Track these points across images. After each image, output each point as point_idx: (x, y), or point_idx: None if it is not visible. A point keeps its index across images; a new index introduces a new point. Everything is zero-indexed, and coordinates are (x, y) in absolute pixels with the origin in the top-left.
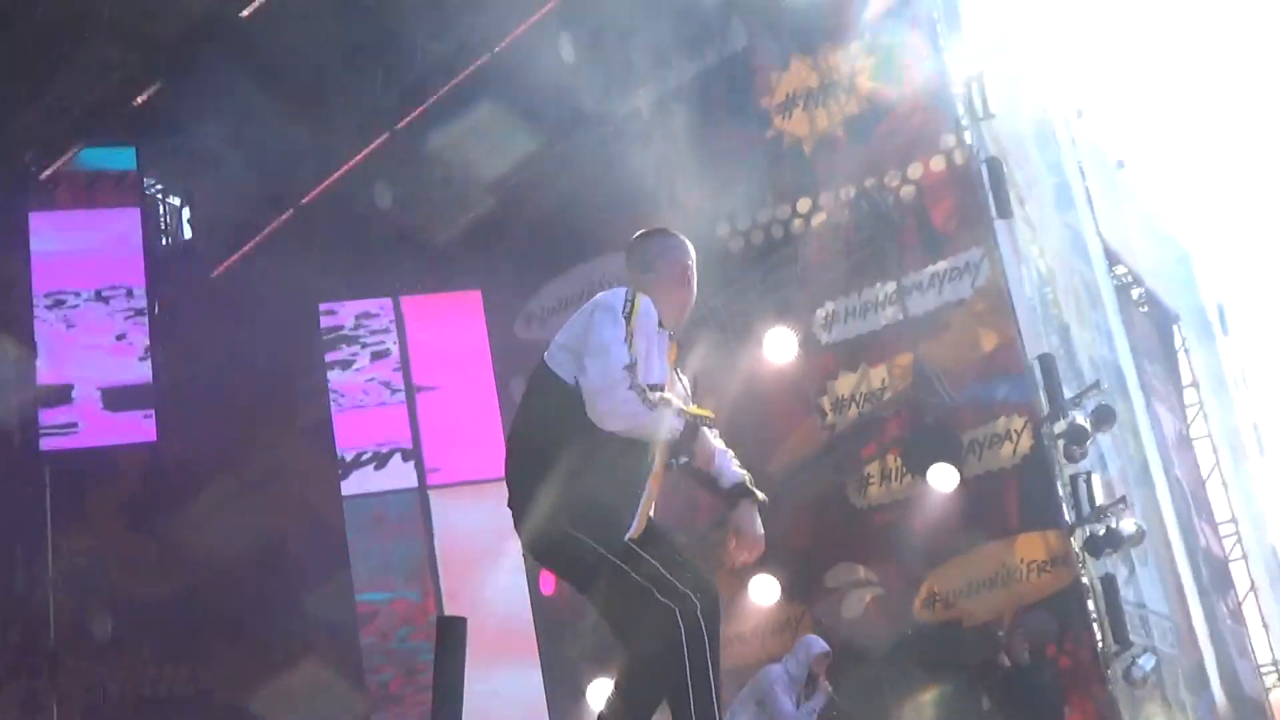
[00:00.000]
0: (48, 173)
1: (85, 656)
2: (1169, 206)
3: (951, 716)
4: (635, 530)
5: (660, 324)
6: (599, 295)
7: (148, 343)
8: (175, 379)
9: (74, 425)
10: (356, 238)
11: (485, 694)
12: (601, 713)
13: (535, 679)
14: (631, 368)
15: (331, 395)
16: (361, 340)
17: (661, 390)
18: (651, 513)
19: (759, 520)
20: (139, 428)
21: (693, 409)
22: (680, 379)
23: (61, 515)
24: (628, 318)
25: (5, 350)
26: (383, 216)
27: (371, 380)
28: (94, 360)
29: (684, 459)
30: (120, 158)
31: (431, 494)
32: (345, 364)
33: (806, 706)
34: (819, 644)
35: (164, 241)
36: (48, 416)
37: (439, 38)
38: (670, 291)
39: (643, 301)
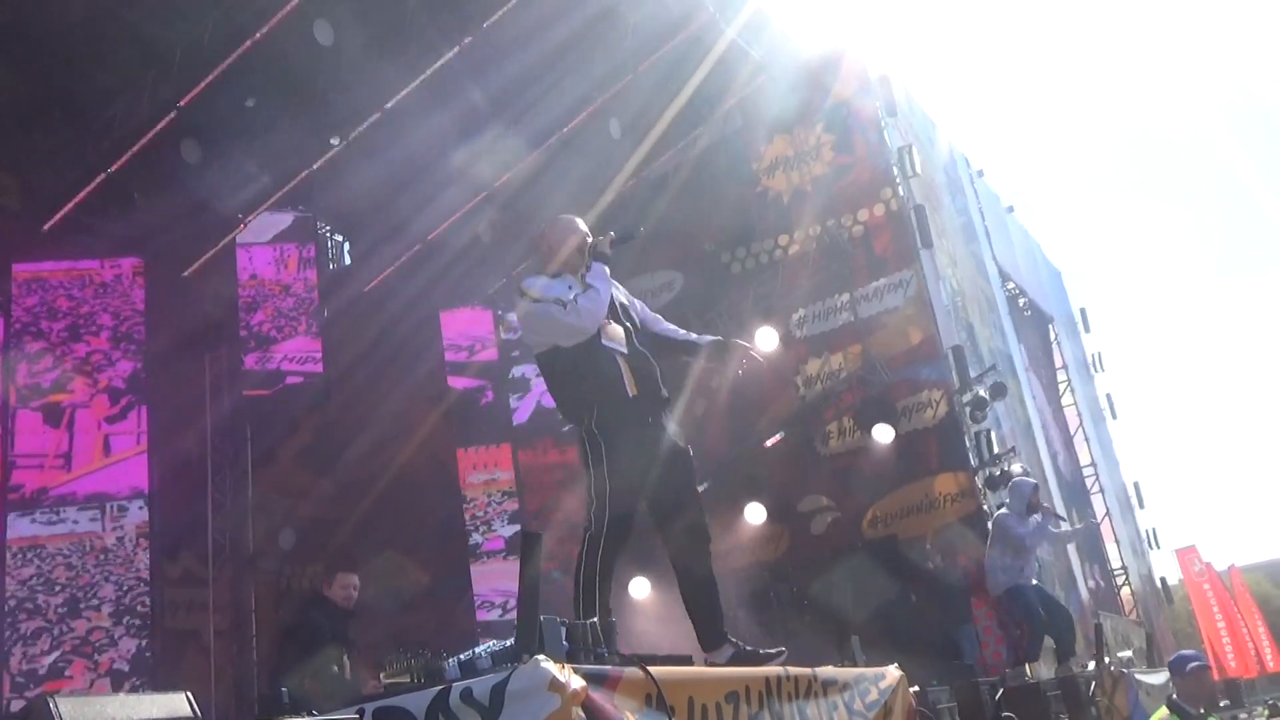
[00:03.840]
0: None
1: (273, 560)
2: (1045, 238)
3: (889, 606)
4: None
5: (567, 275)
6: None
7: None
8: (338, 363)
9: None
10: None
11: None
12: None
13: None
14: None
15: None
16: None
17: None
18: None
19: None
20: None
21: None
22: (616, 287)
23: (257, 459)
24: (536, 299)
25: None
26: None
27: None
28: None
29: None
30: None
31: None
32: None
33: (1035, 522)
34: (1027, 482)
35: (330, 266)
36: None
37: None
38: (559, 258)
39: (532, 285)
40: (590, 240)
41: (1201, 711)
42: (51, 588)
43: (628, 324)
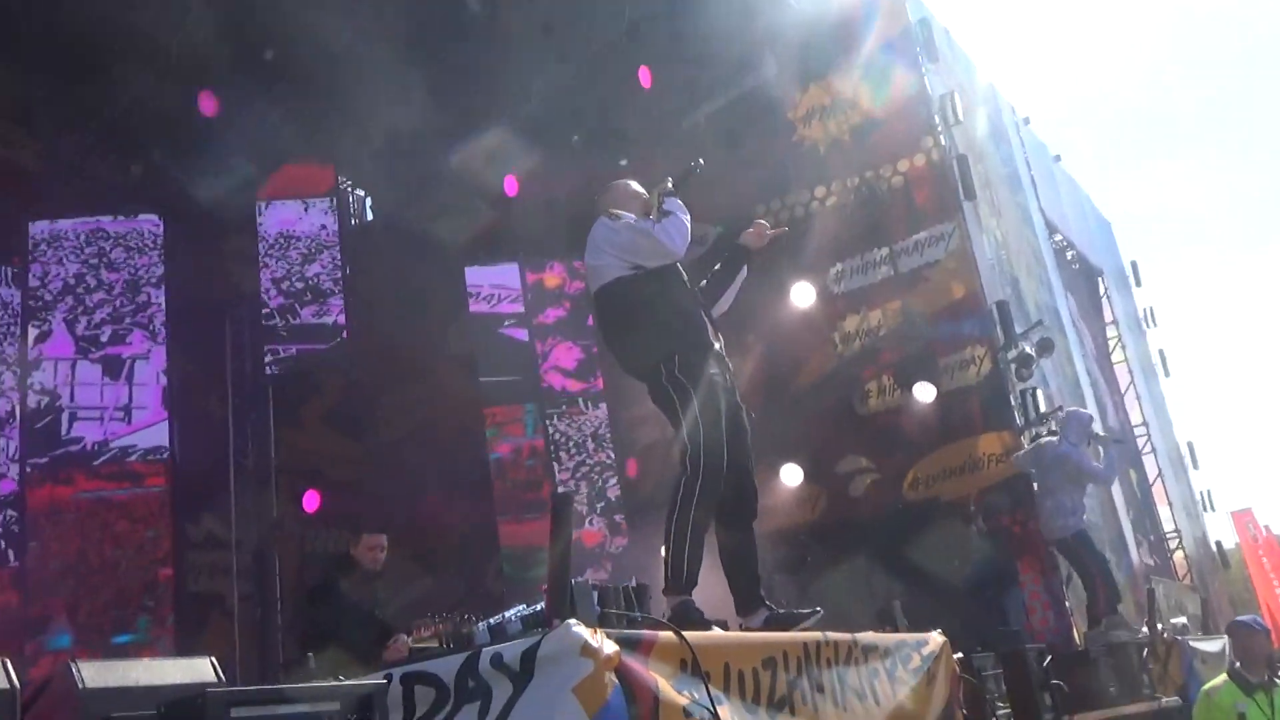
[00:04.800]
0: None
1: (299, 523)
2: (1094, 188)
3: (932, 571)
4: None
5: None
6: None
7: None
8: (361, 322)
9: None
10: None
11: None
12: None
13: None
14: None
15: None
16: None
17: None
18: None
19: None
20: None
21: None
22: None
23: (280, 420)
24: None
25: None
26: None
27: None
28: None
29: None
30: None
31: None
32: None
33: (1104, 455)
34: (1084, 413)
35: (352, 221)
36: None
37: None
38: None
39: (617, 214)
40: (649, 193)
41: (1267, 678)
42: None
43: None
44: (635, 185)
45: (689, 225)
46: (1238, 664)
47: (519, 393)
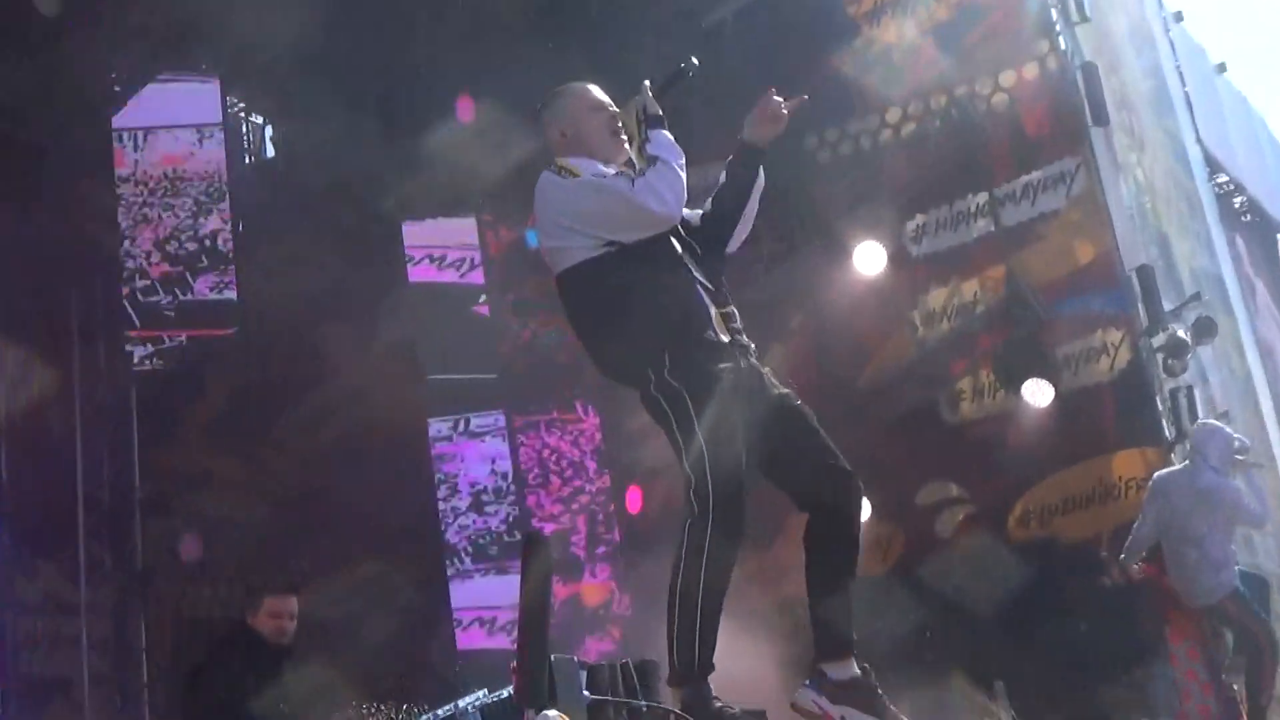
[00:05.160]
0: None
1: (172, 578)
2: (1274, 111)
3: (1048, 639)
4: None
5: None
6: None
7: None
8: (259, 299)
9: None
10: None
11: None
12: None
13: None
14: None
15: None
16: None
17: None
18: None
19: None
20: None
21: None
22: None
23: (147, 437)
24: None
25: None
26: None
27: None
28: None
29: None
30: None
31: None
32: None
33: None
34: (1222, 429)
35: (247, 160)
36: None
37: None
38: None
39: (576, 163)
40: (621, 110)
41: None
42: None
43: (692, 243)
44: (596, 92)
45: (684, 174)
46: None
47: (482, 395)
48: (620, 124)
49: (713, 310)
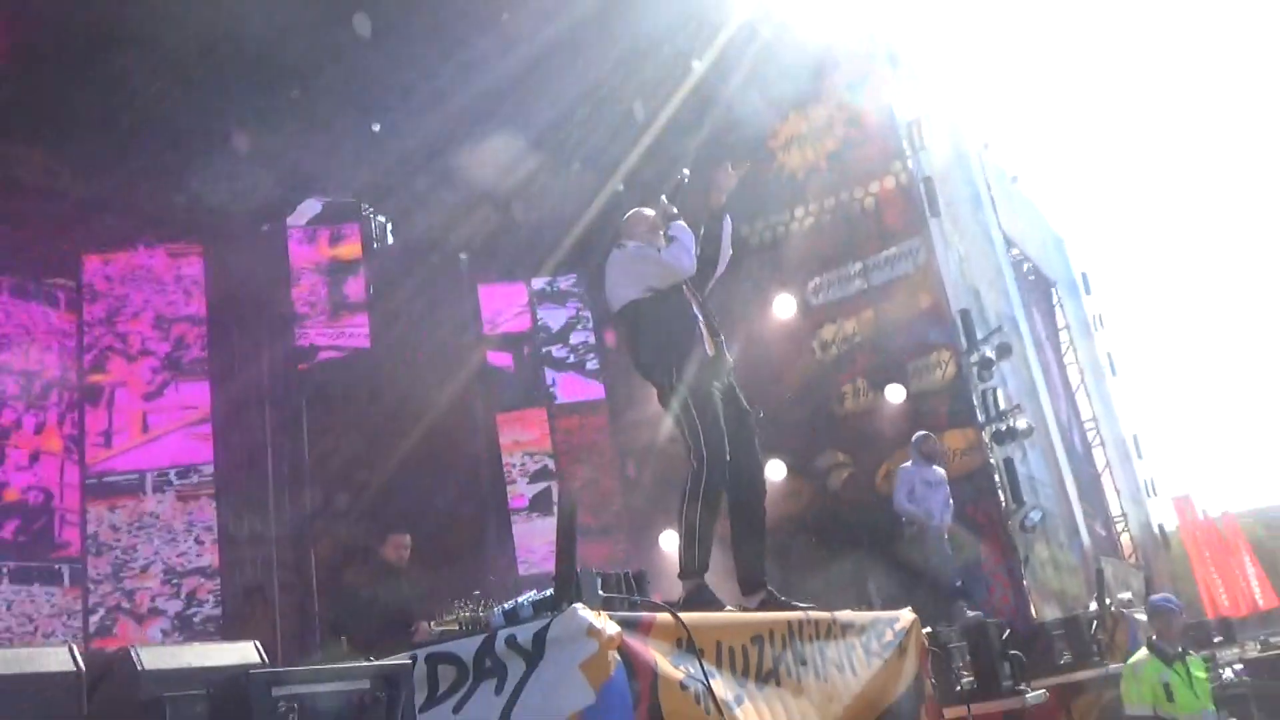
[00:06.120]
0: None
1: (332, 518)
2: (1048, 207)
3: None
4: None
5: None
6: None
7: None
8: (383, 338)
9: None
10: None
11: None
12: None
13: None
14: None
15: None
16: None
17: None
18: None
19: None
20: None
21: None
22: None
23: (313, 430)
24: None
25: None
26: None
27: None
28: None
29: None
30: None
31: None
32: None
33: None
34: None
35: (374, 245)
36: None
37: None
38: (641, 233)
39: (628, 240)
40: (654, 214)
41: (1179, 650)
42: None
43: (693, 284)
44: (645, 210)
45: (693, 243)
46: (1155, 638)
47: (530, 397)
48: (656, 225)
49: (704, 332)
